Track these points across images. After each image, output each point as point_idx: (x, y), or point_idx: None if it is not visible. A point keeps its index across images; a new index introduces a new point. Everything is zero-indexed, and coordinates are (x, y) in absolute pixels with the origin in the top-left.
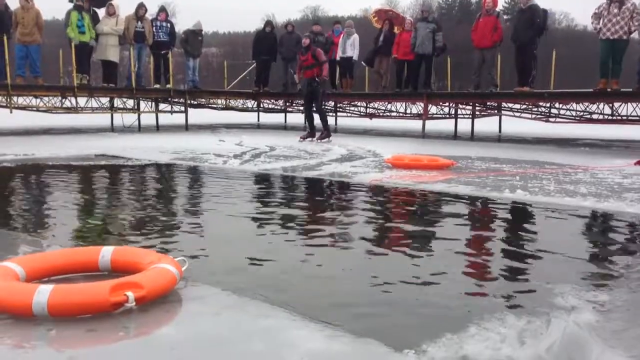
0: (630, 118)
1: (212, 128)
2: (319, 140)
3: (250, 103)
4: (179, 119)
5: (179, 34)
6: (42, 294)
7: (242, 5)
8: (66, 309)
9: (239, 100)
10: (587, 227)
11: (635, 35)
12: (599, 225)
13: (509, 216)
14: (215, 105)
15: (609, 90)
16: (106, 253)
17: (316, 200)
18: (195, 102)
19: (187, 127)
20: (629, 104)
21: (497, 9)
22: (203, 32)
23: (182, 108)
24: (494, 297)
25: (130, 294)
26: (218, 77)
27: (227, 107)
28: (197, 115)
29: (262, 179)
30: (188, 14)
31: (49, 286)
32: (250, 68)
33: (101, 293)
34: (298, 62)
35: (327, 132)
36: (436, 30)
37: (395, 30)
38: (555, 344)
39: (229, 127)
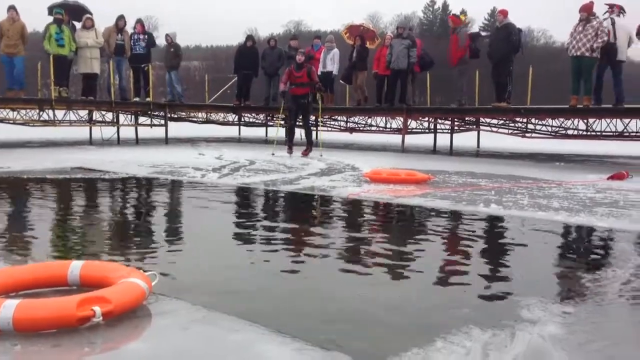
0: (604, 134)
1: (192, 141)
2: (302, 155)
3: (231, 117)
4: (159, 132)
5: (160, 48)
6: (8, 309)
7: (224, 19)
8: (32, 323)
9: (219, 113)
10: (557, 241)
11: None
12: (569, 239)
13: (481, 230)
14: (195, 119)
15: (580, 107)
16: (75, 268)
17: (293, 215)
18: (176, 116)
19: (167, 141)
20: (603, 120)
21: (463, 27)
22: (175, 43)
23: (162, 121)
24: (461, 310)
25: (97, 309)
26: (200, 90)
27: (207, 121)
28: (178, 129)
29: (240, 192)
30: (171, 28)
31: (15, 301)
32: (232, 82)
33: (68, 308)
34: (288, 75)
35: (310, 147)
36: (411, 46)
37: (368, 45)
38: (519, 357)
39: (209, 140)
